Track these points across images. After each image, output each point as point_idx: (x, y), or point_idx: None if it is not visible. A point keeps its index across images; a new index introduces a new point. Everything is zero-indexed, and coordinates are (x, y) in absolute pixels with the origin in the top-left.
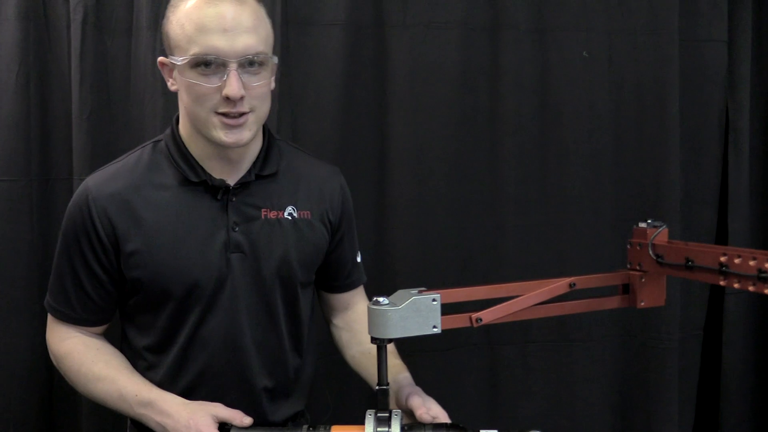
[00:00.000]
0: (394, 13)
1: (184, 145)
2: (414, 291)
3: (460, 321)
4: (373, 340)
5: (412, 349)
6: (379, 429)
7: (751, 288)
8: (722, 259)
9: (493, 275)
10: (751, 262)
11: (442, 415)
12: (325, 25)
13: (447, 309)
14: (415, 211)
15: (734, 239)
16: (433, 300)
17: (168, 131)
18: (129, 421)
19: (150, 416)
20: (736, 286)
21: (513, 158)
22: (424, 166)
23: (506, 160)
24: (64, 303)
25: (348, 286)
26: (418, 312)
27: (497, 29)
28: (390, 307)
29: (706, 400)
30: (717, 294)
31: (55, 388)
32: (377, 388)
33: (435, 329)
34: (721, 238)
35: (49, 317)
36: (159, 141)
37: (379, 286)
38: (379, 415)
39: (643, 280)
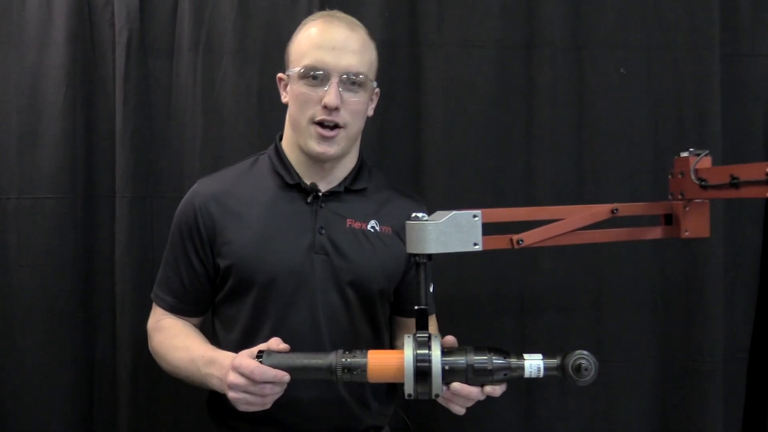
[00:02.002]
0: (429, 32)
1: (285, 154)
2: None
3: (501, 242)
4: (412, 256)
5: None
6: (419, 351)
7: None
8: None
9: (527, 295)
10: None
11: None
12: None
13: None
14: None
15: None
16: (474, 216)
17: (272, 146)
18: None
19: (212, 373)
20: None
21: (549, 176)
22: (459, 183)
23: (542, 179)
24: (162, 291)
25: None
26: (459, 227)
27: (532, 47)
28: (429, 221)
29: (753, 426)
30: (763, 316)
31: (96, 401)
32: (415, 308)
33: (476, 246)
34: None
35: (153, 303)
36: (263, 153)
37: None
38: (418, 336)
39: (687, 209)
